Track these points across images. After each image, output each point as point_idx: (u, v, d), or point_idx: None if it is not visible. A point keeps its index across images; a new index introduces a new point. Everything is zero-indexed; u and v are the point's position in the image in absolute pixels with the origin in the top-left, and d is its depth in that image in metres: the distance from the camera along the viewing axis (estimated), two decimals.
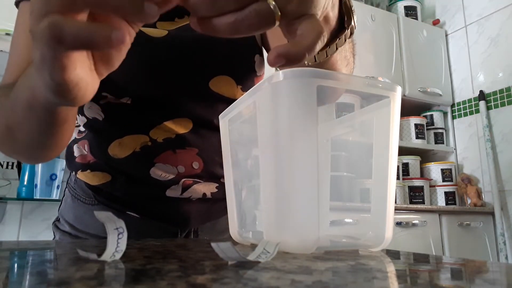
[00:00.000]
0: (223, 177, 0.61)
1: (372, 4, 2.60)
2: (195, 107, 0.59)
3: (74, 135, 0.65)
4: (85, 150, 0.62)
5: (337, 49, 0.37)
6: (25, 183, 1.62)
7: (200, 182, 0.61)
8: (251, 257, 0.28)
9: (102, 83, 0.29)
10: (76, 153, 0.63)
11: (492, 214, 2.21)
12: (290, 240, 0.32)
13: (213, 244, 0.27)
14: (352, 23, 0.36)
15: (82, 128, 0.63)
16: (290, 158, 0.32)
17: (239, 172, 0.45)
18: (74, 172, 0.64)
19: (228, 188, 0.47)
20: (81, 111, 0.61)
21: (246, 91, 0.62)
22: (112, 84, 0.54)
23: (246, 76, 0.62)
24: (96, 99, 0.57)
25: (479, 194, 2.30)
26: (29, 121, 0.39)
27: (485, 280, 0.26)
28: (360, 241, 0.38)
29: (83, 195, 0.63)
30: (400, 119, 0.37)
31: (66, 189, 0.68)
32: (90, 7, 0.23)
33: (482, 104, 2.33)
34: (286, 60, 0.27)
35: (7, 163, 1.72)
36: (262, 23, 0.26)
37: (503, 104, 2.28)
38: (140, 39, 0.56)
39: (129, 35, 0.25)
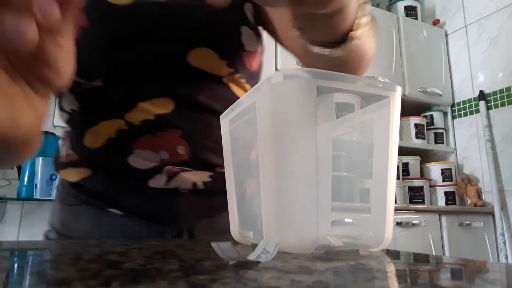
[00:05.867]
0: (218, 166, 0.55)
1: (372, 4, 2.60)
2: (175, 84, 0.52)
3: (61, 136, 0.61)
4: (70, 149, 0.58)
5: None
6: (25, 183, 1.62)
7: (189, 170, 0.53)
8: (251, 257, 0.28)
9: None
10: (62, 153, 0.59)
11: (492, 214, 2.21)
12: (290, 240, 0.32)
13: (213, 244, 0.27)
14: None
15: (67, 127, 0.59)
16: (289, 158, 0.32)
17: (240, 172, 0.45)
18: (57, 172, 0.60)
19: (229, 188, 0.47)
20: (60, 107, 0.57)
21: (234, 67, 0.56)
22: (78, 65, 0.50)
23: (231, 50, 0.54)
24: (70, 87, 0.52)
25: (479, 194, 2.30)
26: None
27: (485, 280, 0.26)
28: (360, 241, 0.38)
29: (67, 196, 0.59)
30: (400, 119, 0.37)
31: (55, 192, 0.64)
32: None
33: (482, 104, 2.33)
34: None
35: None
36: None
37: (503, 104, 2.28)
38: (101, 8, 0.49)
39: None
